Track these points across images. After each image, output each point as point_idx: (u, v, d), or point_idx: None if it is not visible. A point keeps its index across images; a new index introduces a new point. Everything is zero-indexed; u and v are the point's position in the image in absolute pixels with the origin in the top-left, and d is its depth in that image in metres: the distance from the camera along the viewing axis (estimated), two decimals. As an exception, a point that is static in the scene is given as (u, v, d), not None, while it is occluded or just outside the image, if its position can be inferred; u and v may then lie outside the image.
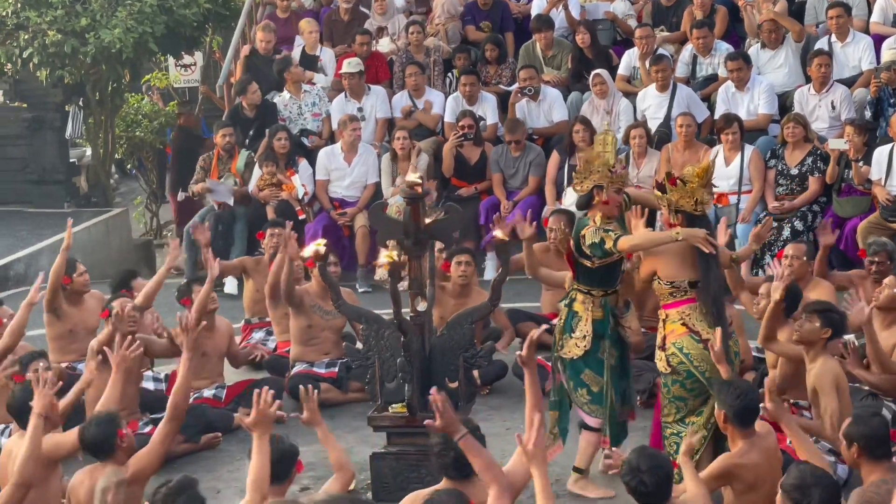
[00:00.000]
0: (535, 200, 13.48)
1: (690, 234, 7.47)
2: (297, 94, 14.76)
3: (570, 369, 7.97)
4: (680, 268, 7.57)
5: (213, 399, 9.77)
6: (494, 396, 9.99)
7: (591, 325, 7.86)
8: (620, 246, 7.61)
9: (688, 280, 7.56)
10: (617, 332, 7.93)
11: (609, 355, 7.87)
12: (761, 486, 6.72)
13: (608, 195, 7.77)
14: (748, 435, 6.90)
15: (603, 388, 7.86)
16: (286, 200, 13.71)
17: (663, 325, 7.65)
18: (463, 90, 14.18)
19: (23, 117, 18.60)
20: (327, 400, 10.09)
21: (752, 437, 6.90)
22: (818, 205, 12.64)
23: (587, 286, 7.91)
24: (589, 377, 7.89)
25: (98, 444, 6.99)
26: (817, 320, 7.95)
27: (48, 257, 15.35)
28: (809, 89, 13.28)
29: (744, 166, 12.74)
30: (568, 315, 7.96)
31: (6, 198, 18.23)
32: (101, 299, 10.51)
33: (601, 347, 7.86)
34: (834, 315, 8.05)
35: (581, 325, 7.88)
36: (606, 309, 7.90)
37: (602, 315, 7.89)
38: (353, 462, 8.75)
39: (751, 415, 6.94)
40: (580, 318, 7.90)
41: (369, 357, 8.03)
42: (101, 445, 6.99)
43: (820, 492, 5.79)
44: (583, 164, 7.99)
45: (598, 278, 7.87)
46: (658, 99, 13.65)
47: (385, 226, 8.29)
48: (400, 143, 13.54)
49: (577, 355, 7.88)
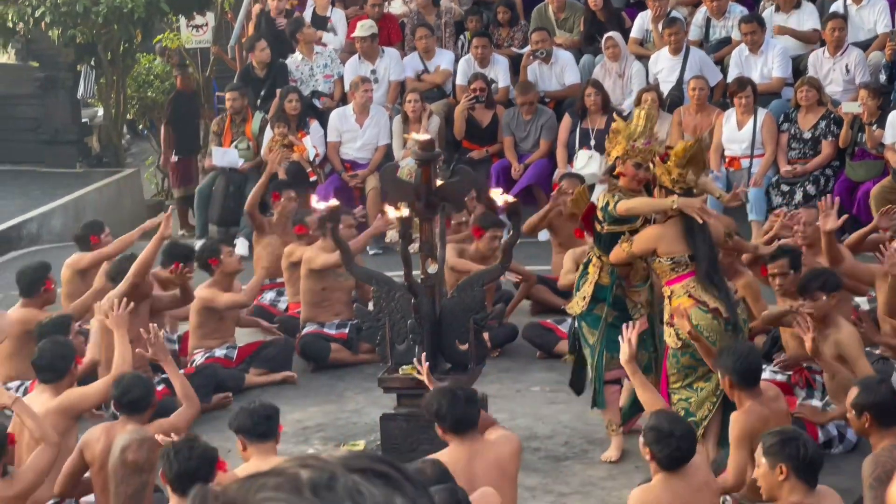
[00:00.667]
0: (546, 164, 13.46)
1: (686, 203, 7.50)
2: (309, 55, 14.73)
3: (580, 325, 8.08)
4: (678, 243, 7.58)
5: (224, 359, 9.80)
6: (504, 359, 10.01)
7: (593, 288, 7.91)
8: (619, 209, 7.63)
9: (688, 254, 7.57)
10: (622, 301, 7.94)
11: (607, 315, 7.91)
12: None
13: (625, 168, 7.77)
14: (754, 395, 6.95)
15: (596, 342, 7.94)
16: (297, 162, 13.71)
17: (669, 301, 7.66)
18: (475, 52, 14.13)
19: (35, 77, 18.57)
20: (338, 360, 10.14)
21: (758, 396, 6.95)
22: (831, 169, 12.60)
23: (599, 251, 7.95)
24: (586, 329, 8.01)
25: (135, 401, 7.08)
26: (820, 294, 7.95)
27: (61, 217, 15.40)
28: (824, 52, 13.22)
29: (756, 130, 12.69)
30: (582, 273, 8.08)
31: (18, 158, 18.23)
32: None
33: (599, 306, 7.93)
34: (829, 278, 8.05)
35: (585, 285, 7.97)
36: (613, 277, 7.91)
37: (608, 282, 7.92)
38: (363, 423, 8.82)
39: (753, 374, 7.01)
40: (588, 278, 7.98)
41: (380, 318, 8.04)
42: (138, 403, 7.08)
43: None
44: (611, 134, 7.98)
45: (609, 245, 7.87)
46: (671, 62, 13.59)
47: (396, 188, 8.29)
48: (411, 105, 13.51)
49: (577, 312, 8.02)
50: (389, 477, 1.39)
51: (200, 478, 5.99)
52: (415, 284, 7.84)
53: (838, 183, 12.36)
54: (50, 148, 18.09)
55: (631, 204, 7.71)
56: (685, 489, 6.12)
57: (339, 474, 1.37)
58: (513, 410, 8.96)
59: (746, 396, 6.94)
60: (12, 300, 9.97)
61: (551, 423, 8.64)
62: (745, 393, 6.95)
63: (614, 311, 7.94)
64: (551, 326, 10.12)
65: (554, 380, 9.53)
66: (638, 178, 7.78)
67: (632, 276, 7.99)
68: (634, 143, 7.76)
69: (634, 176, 7.77)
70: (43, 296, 9.44)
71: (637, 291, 8.01)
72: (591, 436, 8.35)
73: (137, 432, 6.92)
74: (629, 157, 7.76)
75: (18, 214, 15.37)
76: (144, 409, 7.14)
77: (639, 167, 7.78)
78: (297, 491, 1.36)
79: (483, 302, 8.12)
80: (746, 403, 6.94)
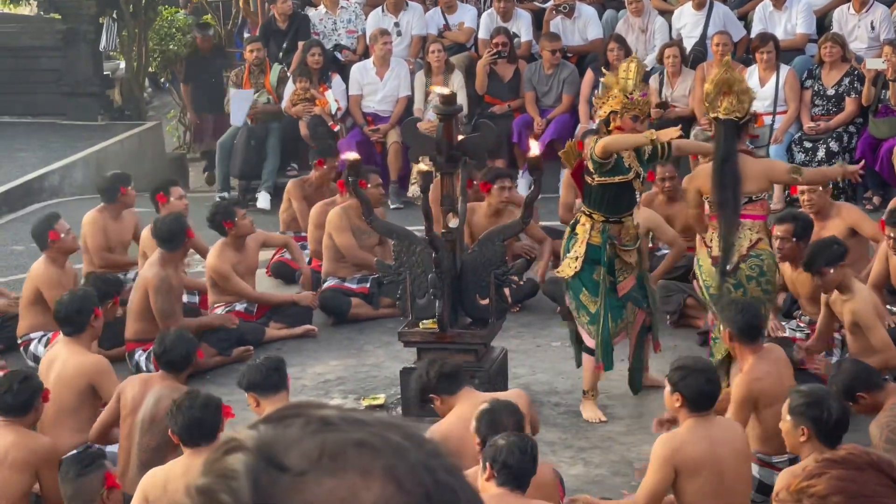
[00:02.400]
0: (568, 119, 13.42)
1: (663, 133, 7.59)
2: (332, 9, 14.67)
3: (571, 289, 7.99)
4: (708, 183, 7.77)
5: (244, 313, 9.82)
6: (525, 314, 10.02)
7: (585, 248, 7.84)
8: (597, 150, 7.61)
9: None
10: (612, 261, 7.89)
11: (604, 279, 7.85)
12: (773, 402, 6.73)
13: (622, 121, 7.75)
14: (756, 350, 6.97)
15: (598, 309, 7.87)
16: (319, 115, 13.69)
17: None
18: (497, 7, 14.07)
19: (57, 29, 18.54)
20: (358, 315, 10.15)
21: (759, 351, 6.98)
22: (854, 125, 12.54)
23: (589, 208, 7.88)
24: (586, 298, 7.90)
25: (175, 361, 7.14)
26: (827, 270, 7.94)
27: (82, 170, 15.43)
28: (849, 8, 13.12)
29: (779, 86, 12.63)
30: (570, 235, 7.99)
31: (40, 110, 18.24)
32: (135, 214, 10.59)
33: (595, 271, 7.86)
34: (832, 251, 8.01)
35: (576, 246, 7.89)
36: (604, 236, 7.82)
37: (599, 241, 7.85)
38: (383, 377, 8.85)
39: (754, 329, 7.03)
40: (577, 238, 7.90)
41: (400, 273, 8.05)
42: (178, 363, 7.15)
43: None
44: (602, 89, 7.98)
45: (599, 201, 7.81)
46: (694, 17, 13.51)
47: (417, 142, 8.28)
48: (435, 55, 13.46)
49: (569, 275, 7.90)
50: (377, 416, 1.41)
51: (207, 425, 6.04)
52: (436, 239, 7.84)
53: (861, 140, 12.30)
54: (71, 100, 18.09)
55: (607, 140, 7.67)
56: (711, 436, 6.13)
57: (348, 413, 1.39)
58: (533, 365, 8.98)
59: (748, 351, 6.98)
60: (33, 251, 10.00)
61: (571, 378, 8.65)
62: (746, 347, 6.98)
63: (609, 276, 7.87)
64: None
65: (574, 335, 9.54)
66: (637, 130, 7.76)
67: (623, 234, 7.91)
68: (631, 95, 7.74)
69: (633, 129, 7.75)
70: (54, 247, 9.38)
71: (628, 251, 7.93)
72: (610, 391, 8.36)
73: (172, 388, 6.96)
74: (627, 111, 7.73)
75: (40, 167, 15.39)
76: (183, 368, 7.21)
77: (636, 119, 7.77)
78: (348, 421, 1.36)
79: (504, 257, 8.12)
80: (749, 359, 6.96)
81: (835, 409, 5.87)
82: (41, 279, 9.23)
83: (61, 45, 18.31)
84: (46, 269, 9.26)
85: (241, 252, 9.88)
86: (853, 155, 12.24)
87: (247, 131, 13.99)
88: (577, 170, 7.96)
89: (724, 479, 6.07)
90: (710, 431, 6.15)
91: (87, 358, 7.61)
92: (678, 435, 6.23)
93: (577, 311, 7.96)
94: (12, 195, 14.61)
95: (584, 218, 7.90)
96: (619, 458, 7.56)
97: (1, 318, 9.74)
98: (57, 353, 7.71)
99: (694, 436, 6.13)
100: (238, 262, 9.87)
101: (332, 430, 1.34)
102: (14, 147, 16.51)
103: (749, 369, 6.93)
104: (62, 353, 7.63)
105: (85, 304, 7.77)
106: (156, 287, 8.89)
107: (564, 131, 13.25)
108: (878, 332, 7.77)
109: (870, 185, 12.12)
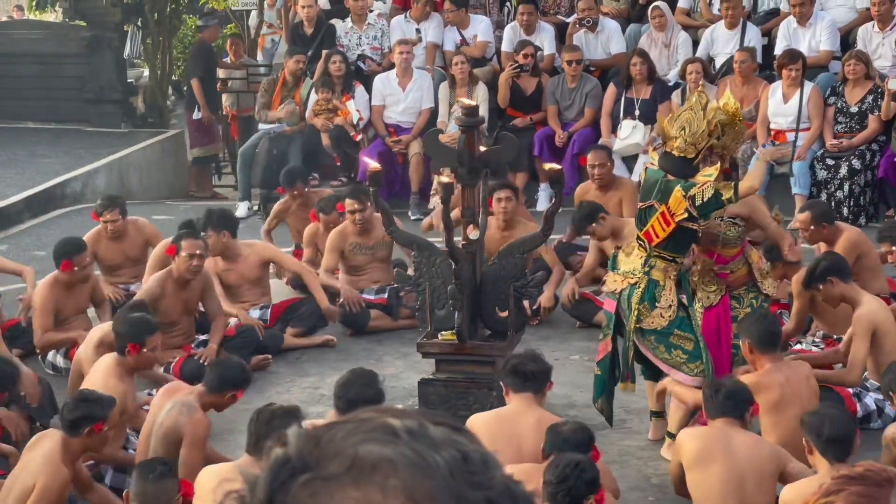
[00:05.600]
0: (590, 133, 13.42)
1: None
2: (359, 24, 14.66)
3: (656, 336, 7.50)
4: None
5: (258, 321, 9.80)
6: (544, 327, 10.00)
7: (675, 295, 7.43)
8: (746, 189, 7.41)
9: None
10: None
11: (694, 315, 7.52)
12: (788, 407, 6.75)
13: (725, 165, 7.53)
14: (774, 359, 6.98)
15: (696, 343, 7.45)
16: (341, 126, 13.71)
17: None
18: (521, 19, 14.08)
19: (81, 36, 18.65)
20: (377, 327, 10.15)
21: (778, 360, 6.98)
22: (877, 143, 12.51)
23: (673, 253, 7.42)
24: (680, 336, 7.48)
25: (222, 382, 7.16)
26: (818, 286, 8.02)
27: (105, 176, 15.49)
28: (873, 26, 13.10)
29: (803, 103, 12.60)
30: (649, 284, 7.43)
31: (64, 116, 18.33)
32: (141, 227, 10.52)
33: (686, 311, 7.54)
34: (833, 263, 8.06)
35: (665, 294, 7.41)
36: (682, 275, 7.56)
37: (677, 282, 7.54)
38: (401, 388, 8.85)
39: (772, 337, 7.03)
40: (662, 286, 7.42)
41: (420, 284, 8.05)
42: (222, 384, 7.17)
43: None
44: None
45: (686, 244, 7.49)
46: (727, 35, 13.51)
47: (439, 153, 8.29)
48: (458, 67, 13.47)
49: (662, 326, 7.43)
50: (464, 431, 1.40)
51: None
52: (455, 250, 7.84)
53: (884, 158, 12.28)
54: (95, 107, 18.18)
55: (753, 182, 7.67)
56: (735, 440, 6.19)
57: (426, 422, 1.37)
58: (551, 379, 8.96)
59: (767, 360, 6.98)
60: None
61: (589, 392, 8.61)
62: (764, 357, 6.97)
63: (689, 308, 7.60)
64: (589, 297, 10.09)
65: (593, 349, 9.47)
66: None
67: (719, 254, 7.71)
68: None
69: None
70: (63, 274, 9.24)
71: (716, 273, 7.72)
72: (629, 405, 8.34)
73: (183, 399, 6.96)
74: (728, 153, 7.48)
75: (63, 173, 15.46)
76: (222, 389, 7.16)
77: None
78: (394, 435, 1.34)
79: (524, 269, 8.10)
80: (766, 366, 6.97)
81: (832, 424, 5.87)
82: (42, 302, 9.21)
83: (86, 52, 18.41)
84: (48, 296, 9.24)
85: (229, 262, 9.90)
86: (876, 173, 12.22)
87: (269, 140, 14.01)
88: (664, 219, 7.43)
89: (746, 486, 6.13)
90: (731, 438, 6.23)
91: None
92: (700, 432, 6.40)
93: (669, 352, 7.47)
94: (35, 201, 14.68)
95: (661, 263, 7.40)
96: (636, 472, 7.53)
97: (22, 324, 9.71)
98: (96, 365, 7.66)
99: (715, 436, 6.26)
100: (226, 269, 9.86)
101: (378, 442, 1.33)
102: (37, 153, 16.59)
103: (762, 373, 6.94)
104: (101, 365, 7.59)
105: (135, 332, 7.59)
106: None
107: (587, 146, 13.24)
108: (857, 343, 7.78)
109: (892, 203, 12.09)
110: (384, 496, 1.30)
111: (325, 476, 1.31)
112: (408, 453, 1.32)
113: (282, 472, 1.32)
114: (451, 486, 1.31)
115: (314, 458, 1.33)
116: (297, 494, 1.31)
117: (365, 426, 1.35)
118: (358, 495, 1.30)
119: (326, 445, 1.33)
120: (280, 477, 1.32)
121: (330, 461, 1.32)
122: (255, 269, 10.04)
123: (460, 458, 1.34)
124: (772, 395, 6.89)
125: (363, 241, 10.25)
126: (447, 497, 1.31)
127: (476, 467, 1.34)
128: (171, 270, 9.08)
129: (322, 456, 1.33)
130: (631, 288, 7.44)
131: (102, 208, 10.29)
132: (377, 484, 1.30)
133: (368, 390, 6.57)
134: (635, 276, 7.43)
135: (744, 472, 6.18)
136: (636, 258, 7.46)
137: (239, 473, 1.35)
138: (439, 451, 1.33)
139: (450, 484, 1.31)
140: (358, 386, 6.60)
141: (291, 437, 1.35)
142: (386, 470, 1.31)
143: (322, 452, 1.33)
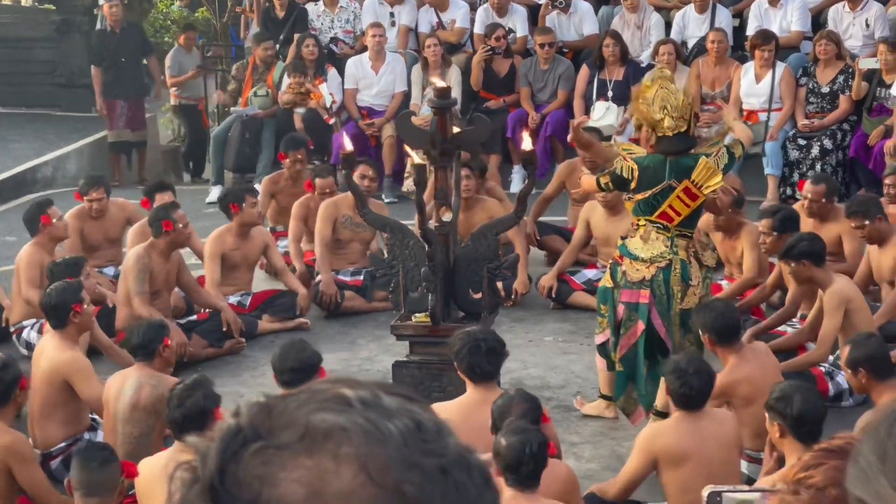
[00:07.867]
0: (563, 114, 13.40)
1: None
2: (331, 7, 14.60)
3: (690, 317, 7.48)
4: None
5: (237, 306, 9.81)
6: (517, 309, 10.01)
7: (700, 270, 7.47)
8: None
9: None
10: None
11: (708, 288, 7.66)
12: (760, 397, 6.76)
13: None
14: (737, 350, 7.00)
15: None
16: (314, 109, 13.67)
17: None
18: (493, 2, 14.05)
19: (51, 20, 18.54)
20: (351, 308, 10.15)
21: (740, 350, 6.99)
22: (848, 123, 12.54)
23: (690, 229, 7.49)
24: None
25: (143, 345, 7.13)
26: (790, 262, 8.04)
27: (75, 161, 15.41)
28: (844, 6, 13.13)
29: (775, 84, 12.63)
30: (682, 265, 7.41)
31: (34, 101, 18.23)
32: (122, 207, 10.53)
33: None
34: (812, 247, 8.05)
35: (694, 271, 7.44)
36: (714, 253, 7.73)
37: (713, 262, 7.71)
38: (375, 370, 8.85)
39: (732, 331, 7.03)
40: (689, 264, 7.44)
41: (394, 266, 8.04)
42: (146, 347, 7.12)
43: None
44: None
45: (698, 216, 7.62)
46: (697, 20, 13.52)
47: (412, 135, 8.27)
48: (431, 50, 13.44)
49: (695, 304, 7.40)
50: (418, 400, 1.39)
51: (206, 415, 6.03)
52: (429, 232, 7.83)
53: (855, 138, 12.31)
54: (65, 91, 18.08)
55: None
56: (698, 433, 6.17)
57: (380, 392, 1.37)
58: (525, 360, 8.98)
59: (728, 353, 6.99)
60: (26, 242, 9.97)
61: (563, 373, 8.66)
62: (725, 349, 6.99)
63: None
64: (565, 277, 10.10)
65: (567, 330, 9.55)
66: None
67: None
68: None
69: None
70: (45, 232, 9.37)
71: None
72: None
73: (149, 376, 6.96)
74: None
75: (34, 158, 15.38)
76: (149, 355, 7.15)
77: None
78: (347, 404, 1.34)
79: (497, 251, 8.10)
80: (730, 360, 6.98)
81: (798, 403, 5.83)
82: (27, 262, 9.18)
83: (55, 37, 18.30)
84: (33, 253, 9.23)
85: (241, 240, 9.86)
86: (847, 152, 12.25)
87: (241, 124, 13.95)
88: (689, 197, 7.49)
89: (712, 470, 6.10)
90: (698, 424, 6.20)
91: (63, 354, 7.44)
92: (662, 426, 6.31)
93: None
94: (5, 186, 14.61)
95: (683, 241, 7.41)
96: (609, 452, 7.57)
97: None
98: (43, 346, 7.66)
99: (680, 428, 6.20)
100: (235, 248, 9.85)
101: (331, 411, 1.33)
102: (7, 138, 16.50)
103: (730, 370, 6.95)
104: (47, 346, 7.58)
105: (65, 297, 7.55)
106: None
107: (560, 127, 13.23)
108: (828, 320, 7.84)
109: (863, 183, 12.12)
110: (337, 464, 1.30)
111: (277, 445, 1.31)
112: (361, 422, 1.32)
113: (234, 442, 1.32)
114: (404, 454, 1.31)
115: (266, 428, 1.32)
116: (250, 463, 1.30)
117: (318, 396, 1.34)
118: (311, 464, 1.30)
119: (279, 415, 1.33)
120: (232, 447, 1.32)
121: (282, 430, 1.32)
122: (257, 252, 10.11)
123: (414, 427, 1.33)
124: (742, 389, 6.91)
125: (354, 216, 10.15)
126: (400, 464, 1.30)
127: (429, 435, 1.34)
128: (152, 243, 9.16)
129: (274, 425, 1.32)
130: (663, 272, 7.39)
131: (88, 187, 10.40)
132: (330, 452, 1.30)
133: (304, 353, 6.69)
134: (664, 259, 7.40)
135: (712, 457, 6.19)
136: (657, 242, 7.41)
137: (189, 444, 1.34)
138: (392, 419, 1.33)
139: (403, 451, 1.31)
140: (293, 353, 6.71)
141: (244, 407, 1.35)
142: (339, 438, 1.31)
143: (274, 422, 1.33)
